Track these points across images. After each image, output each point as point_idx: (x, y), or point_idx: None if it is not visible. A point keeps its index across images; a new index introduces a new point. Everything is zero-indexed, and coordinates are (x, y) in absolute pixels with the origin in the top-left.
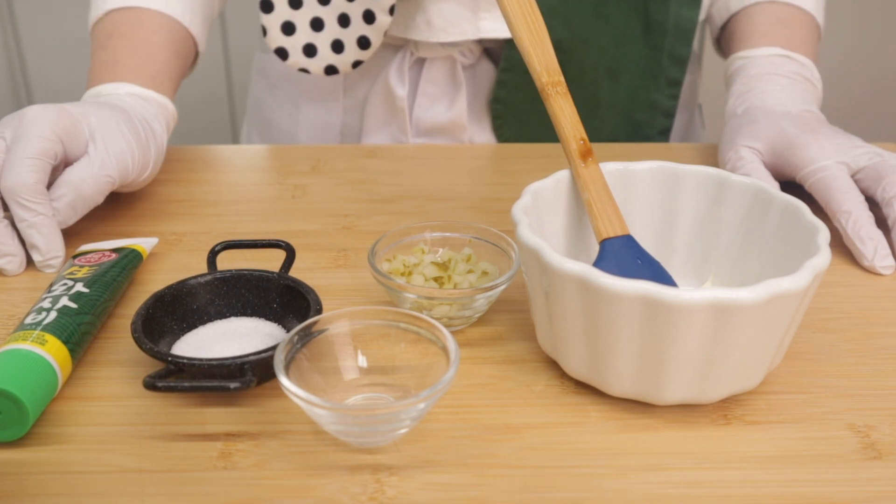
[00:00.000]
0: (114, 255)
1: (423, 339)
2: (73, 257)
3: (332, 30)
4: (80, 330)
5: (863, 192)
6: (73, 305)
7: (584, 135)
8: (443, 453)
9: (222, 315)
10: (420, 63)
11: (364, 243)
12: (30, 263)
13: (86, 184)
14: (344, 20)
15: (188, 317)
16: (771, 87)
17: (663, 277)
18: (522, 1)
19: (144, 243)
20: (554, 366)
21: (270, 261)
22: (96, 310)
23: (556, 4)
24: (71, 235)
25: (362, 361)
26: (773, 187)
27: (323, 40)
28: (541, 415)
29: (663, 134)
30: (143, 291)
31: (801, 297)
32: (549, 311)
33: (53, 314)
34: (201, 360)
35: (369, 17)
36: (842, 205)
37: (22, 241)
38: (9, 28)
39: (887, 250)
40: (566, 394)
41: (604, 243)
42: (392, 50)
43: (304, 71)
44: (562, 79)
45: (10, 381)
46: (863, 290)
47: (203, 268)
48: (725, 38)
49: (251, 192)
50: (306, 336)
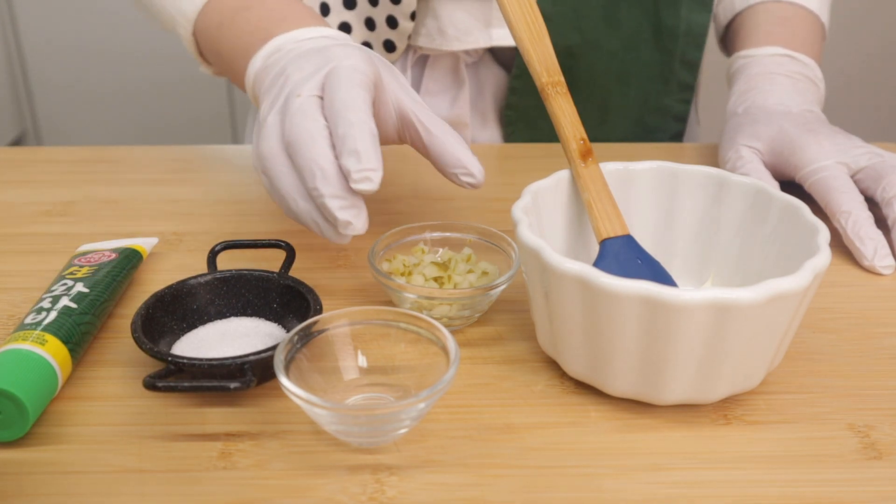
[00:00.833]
0: (114, 255)
1: (423, 339)
2: (73, 257)
3: (360, 32)
4: (80, 330)
5: (863, 192)
6: (73, 305)
7: (584, 135)
8: (443, 453)
9: (222, 315)
10: (423, 60)
11: (364, 243)
12: (33, 263)
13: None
14: (370, 24)
15: (188, 317)
16: (772, 87)
17: (663, 277)
18: (522, 1)
19: (144, 243)
20: (554, 366)
21: (270, 261)
22: (96, 310)
23: (566, 10)
24: (71, 235)
25: (362, 361)
26: (773, 187)
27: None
28: (541, 415)
29: (675, 138)
30: (143, 291)
31: (801, 297)
32: (549, 311)
33: (53, 314)
34: (201, 360)
35: (392, 23)
36: (841, 205)
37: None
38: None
39: (887, 250)
40: (566, 394)
41: (604, 243)
42: None
43: None
44: (562, 79)
45: (10, 381)
46: (863, 290)
47: (203, 268)
48: (729, 37)
49: (251, 192)
50: (306, 336)
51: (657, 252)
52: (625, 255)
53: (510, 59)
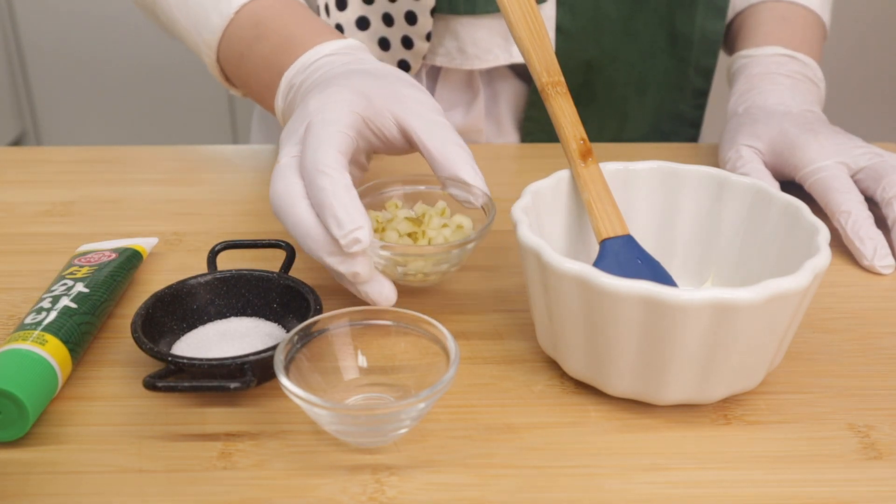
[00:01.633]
0: (114, 255)
1: (423, 339)
2: (73, 257)
3: (374, 52)
4: (80, 330)
5: (863, 192)
6: (73, 305)
7: (584, 135)
8: (443, 453)
9: (222, 315)
10: (436, 70)
11: None
12: (33, 263)
13: None
14: (384, 44)
15: (188, 317)
16: (772, 87)
17: (663, 277)
18: (522, 1)
19: (144, 243)
20: (554, 366)
21: (270, 261)
22: (96, 310)
23: (586, 25)
24: (71, 235)
25: (362, 361)
26: (773, 187)
27: None
28: (541, 415)
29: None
30: (143, 291)
31: (801, 297)
32: (549, 311)
33: (53, 314)
34: (201, 360)
35: (408, 43)
36: (841, 205)
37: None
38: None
39: (887, 250)
40: (566, 394)
41: (604, 243)
42: None
43: None
44: (562, 79)
45: (10, 381)
46: (863, 290)
47: (203, 268)
48: (730, 36)
49: (251, 192)
50: (306, 336)
51: (657, 252)
52: (625, 255)
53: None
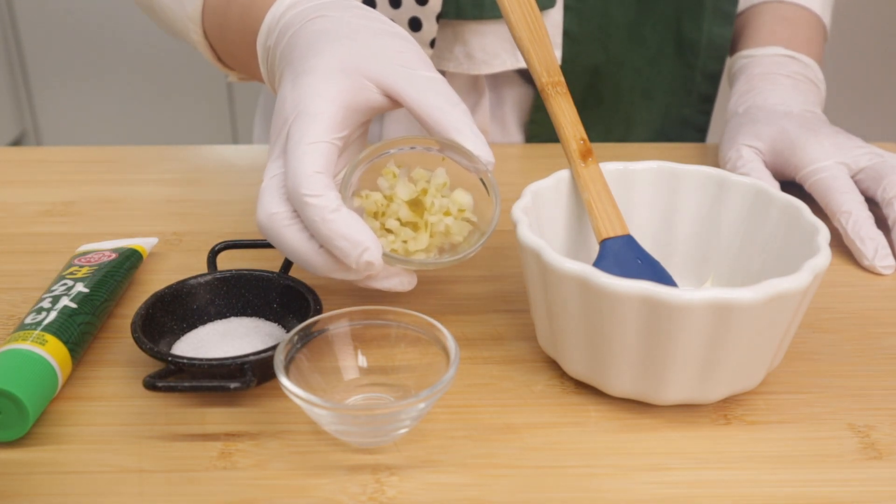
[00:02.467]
0: (114, 255)
1: (423, 339)
2: (73, 257)
3: None
4: (80, 330)
5: (863, 192)
6: (73, 305)
7: (584, 135)
8: (443, 453)
9: (222, 315)
10: (440, 73)
11: None
12: (33, 263)
13: None
14: None
15: (188, 317)
16: (773, 87)
17: (663, 277)
18: (522, 1)
19: (144, 243)
20: (554, 366)
21: (270, 261)
22: (96, 310)
23: (593, 30)
24: (71, 235)
25: (362, 361)
26: (774, 187)
27: None
28: (541, 415)
29: None
30: (143, 291)
31: (801, 297)
32: (549, 311)
33: (53, 314)
34: (201, 360)
35: None
36: (841, 205)
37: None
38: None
39: (888, 250)
40: (566, 394)
41: (604, 243)
42: None
43: None
44: (562, 79)
45: (10, 381)
46: (863, 290)
47: (203, 268)
48: (732, 37)
49: (251, 192)
50: (306, 336)
51: (657, 252)
52: (625, 255)
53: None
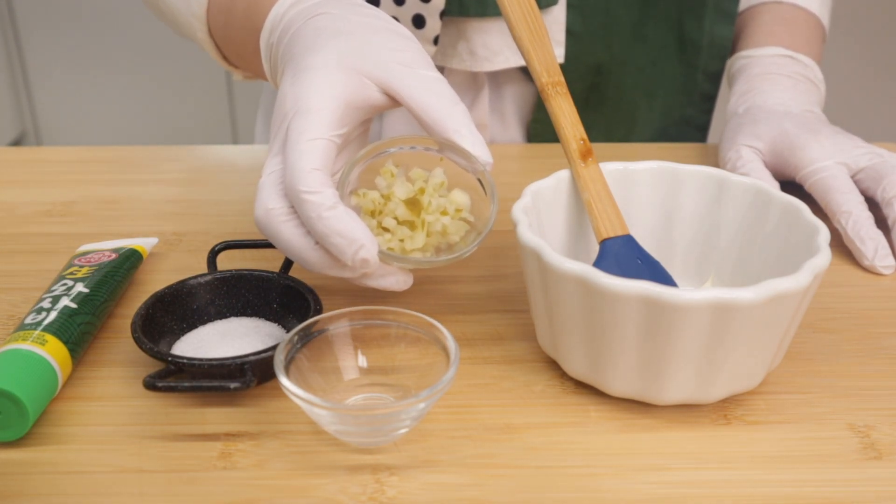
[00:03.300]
0: (114, 255)
1: (423, 339)
2: (73, 257)
3: None
4: (80, 330)
5: (863, 192)
6: (73, 305)
7: (584, 135)
8: (443, 453)
9: (222, 315)
10: (440, 68)
11: None
12: (33, 263)
13: None
14: None
15: (188, 317)
16: (773, 87)
17: (663, 277)
18: (522, 1)
19: (144, 243)
20: (554, 366)
21: (270, 261)
22: (96, 310)
23: (595, 29)
24: (71, 235)
25: (362, 361)
26: (773, 187)
27: None
28: (541, 415)
29: None
30: (143, 291)
31: (801, 297)
32: (549, 311)
33: (53, 314)
34: (201, 360)
35: None
36: (841, 205)
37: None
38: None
39: (888, 250)
40: (566, 394)
41: (604, 243)
42: None
43: None
44: (562, 79)
45: (10, 381)
46: (863, 290)
47: (203, 268)
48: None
49: (251, 192)
50: (306, 336)
51: (657, 252)
52: (625, 255)
53: None
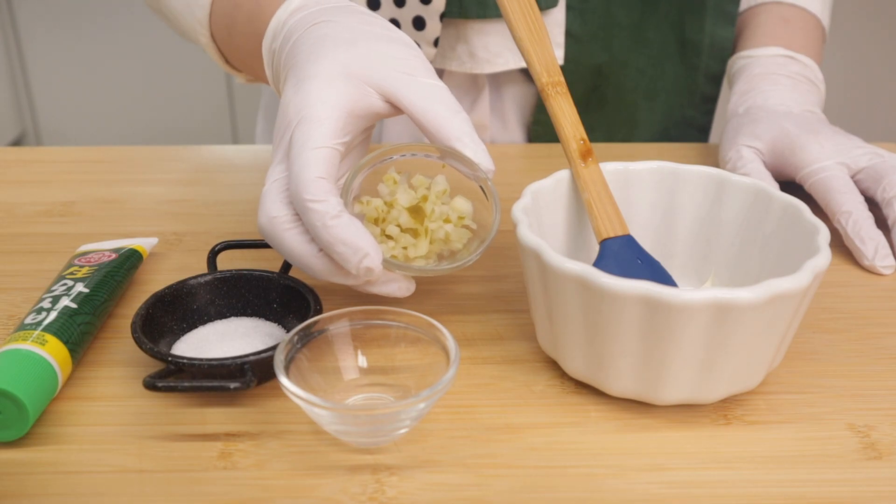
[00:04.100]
0: (114, 255)
1: (423, 339)
2: (73, 257)
3: None
4: (80, 330)
5: (863, 192)
6: (73, 305)
7: (584, 135)
8: (443, 453)
9: (222, 315)
10: (440, 70)
11: None
12: (33, 263)
13: None
14: None
15: (188, 317)
16: (773, 87)
17: (663, 277)
18: (522, 1)
19: (144, 243)
20: (554, 366)
21: (270, 261)
22: (96, 310)
23: (596, 30)
24: (71, 235)
25: (362, 361)
26: (773, 187)
27: None
28: (541, 415)
29: None
30: (143, 291)
31: (801, 297)
32: (549, 311)
33: (53, 314)
34: (201, 360)
35: None
36: (842, 205)
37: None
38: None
39: (888, 250)
40: (566, 394)
41: (604, 243)
42: None
43: None
44: (562, 79)
45: (10, 381)
46: (863, 290)
47: (203, 268)
48: None
49: (251, 192)
50: (306, 336)
51: (657, 252)
52: (625, 255)
53: None
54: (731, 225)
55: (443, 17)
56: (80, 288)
